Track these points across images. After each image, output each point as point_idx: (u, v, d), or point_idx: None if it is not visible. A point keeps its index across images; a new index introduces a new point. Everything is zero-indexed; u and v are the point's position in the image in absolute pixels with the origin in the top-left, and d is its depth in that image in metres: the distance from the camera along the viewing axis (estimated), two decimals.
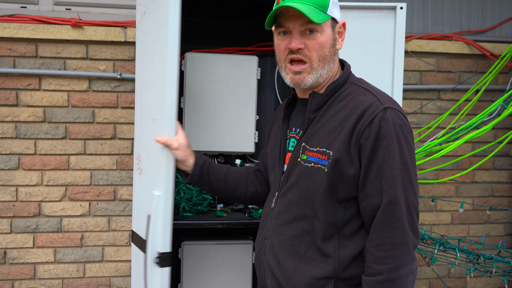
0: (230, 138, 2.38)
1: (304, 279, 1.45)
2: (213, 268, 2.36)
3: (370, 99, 1.43)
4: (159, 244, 1.69)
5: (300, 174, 1.47)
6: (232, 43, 2.51)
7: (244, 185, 1.81)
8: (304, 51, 1.44)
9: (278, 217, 1.52)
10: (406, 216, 1.37)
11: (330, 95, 1.49)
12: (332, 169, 1.41)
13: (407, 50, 2.97)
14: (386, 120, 1.37)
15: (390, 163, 1.36)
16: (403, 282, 1.36)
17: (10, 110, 2.64)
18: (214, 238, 2.43)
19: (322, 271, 1.43)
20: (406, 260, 1.36)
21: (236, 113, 2.38)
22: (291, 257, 1.48)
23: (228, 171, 1.82)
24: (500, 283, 3.18)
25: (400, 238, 1.36)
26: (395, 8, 2.15)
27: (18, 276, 2.70)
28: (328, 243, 1.44)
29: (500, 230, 3.19)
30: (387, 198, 1.36)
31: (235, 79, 2.37)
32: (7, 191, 2.67)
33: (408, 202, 1.37)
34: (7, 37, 2.60)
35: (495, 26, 3.17)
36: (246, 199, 1.84)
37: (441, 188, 3.11)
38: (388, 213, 1.36)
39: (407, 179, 1.37)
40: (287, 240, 1.49)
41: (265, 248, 1.55)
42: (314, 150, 1.45)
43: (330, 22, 1.47)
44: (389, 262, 1.36)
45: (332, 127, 1.44)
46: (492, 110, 2.57)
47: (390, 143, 1.37)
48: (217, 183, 1.79)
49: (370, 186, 1.39)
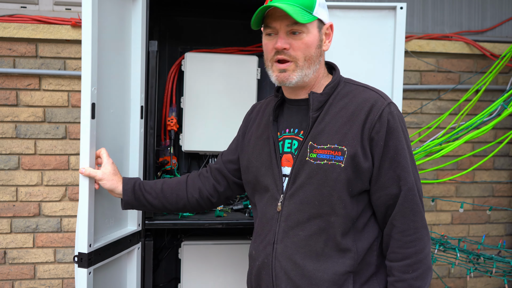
0: (230, 138, 2.36)
1: (326, 277, 1.47)
2: (213, 268, 2.36)
3: (373, 95, 1.51)
4: (78, 244, 1.72)
5: (311, 172, 1.48)
6: (232, 43, 2.51)
7: (184, 193, 1.78)
8: (290, 51, 1.48)
9: (289, 219, 1.51)
10: (420, 200, 1.49)
11: (329, 94, 1.53)
12: (349, 164, 1.46)
13: (407, 50, 2.97)
14: (392, 114, 1.47)
15: (402, 153, 1.46)
16: (428, 260, 1.48)
17: (10, 110, 2.64)
18: (214, 238, 2.43)
19: (343, 265, 1.48)
20: (426, 240, 1.49)
21: (236, 113, 2.38)
22: (308, 257, 1.48)
23: (163, 184, 1.78)
24: (500, 283, 3.17)
25: (420, 221, 1.48)
26: (395, 8, 2.14)
27: (18, 276, 2.70)
28: (347, 237, 1.49)
29: (500, 230, 3.19)
30: (406, 186, 1.46)
31: (235, 79, 2.37)
32: (7, 191, 2.67)
33: (418, 187, 1.49)
34: (7, 37, 2.60)
35: (495, 26, 3.17)
36: (193, 207, 1.80)
37: (441, 188, 3.11)
38: (409, 200, 1.46)
39: (414, 167, 1.50)
40: (302, 241, 1.49)
41: (276, 252, 1.52)
42: (325, 148, 1.48)
43: (316, 23, 1.50)
44: (415, 245, 1.46)
45: (340, 124, 1.48)
46: (492, 110, 2.57)
47: (398, 135, 1.46)
48: (156, 200, 1.76)
49: (385, 176, 1.47)
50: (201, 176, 1.81)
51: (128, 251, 2.00)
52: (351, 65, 2.17)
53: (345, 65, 2.18)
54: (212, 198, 1.79)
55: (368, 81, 2.15)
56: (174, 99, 2.45)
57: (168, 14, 2.49)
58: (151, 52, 2.07)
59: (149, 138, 2.08)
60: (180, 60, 2.44)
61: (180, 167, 2.52)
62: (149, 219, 2.10)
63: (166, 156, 2.40)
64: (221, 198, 1.82)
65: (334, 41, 2.18)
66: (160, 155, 2.43)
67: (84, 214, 1.70)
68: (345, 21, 2.18)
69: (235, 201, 2.39)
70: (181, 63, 2.42)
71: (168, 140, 2.43)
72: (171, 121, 2.39)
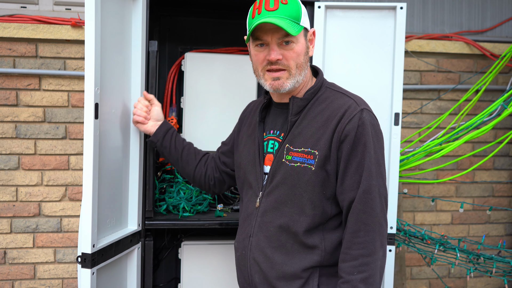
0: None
1: (292, 270, 1.56)
2: (213, 268, 2.36)
3: (348, 101, 1.56)
4: (82, 245, 1.73)
5: (286, 173, 1.58)
6: (232, 43, 2.51)
7: (194, 164, 1.97)
8: (282, 61, 1.55)
9: (264, 215, 1.61)
10: (379, 205, 1.50)
11: (309, 99, 1.60)
12: (319, 168, 1.53)
13: (407, 50, 2.97)
14: (363, 120, 1.51)
15: (367, 158, 1.50)
16: (375, 266, 1.49)
17: (10, 110, 2.64)
18: (214, 238, 2.43)
19: (310, 261, 1.55)
20: (378, 246, 1.49)
21: (236, 113, 2.37)
22: (278, 252, 1.58)
23: (186, 146, 1.98)
24: (500, 283, 3.18)
25: (373, 225, 1.49)
26: (395, 8, 2.14)
27: (18, 276, 2.70)
28: (313, 235, 1.55)
29: (500, 230, 3.19)
30: (362, 188, 1.49)
31: (235, 79, 2.37)
32: (7, 191, 2.67)
33: (380, 193, 1.51)
34: (7, 37, 2.60)
35: (495, 26, 3.17)
36: (196, 180, 1.98)
37: (441, 188, 3.11)
38: (363, 202, 1.49)
39: (379, 173, 1.52)
40: (273, 236, 1.59)
41: (251, 245, 1.64)
42: (299, 151, 1.56)
43: (303, 32, 1.57)
44: (364, 248, 1.48)
45: (315, 129, 1.56)
46: (492, 110, 2.57)
47: (367, 140, 1.50)
48: (175, 150, 1.96)
49: (350, 180, 1.51)
50: (210, 158, 2.00)
51: (129, 251, 2.00)
52: (351, 65, 2.17)
53: (345, 65, 2.18)
54: (210, 180, 1.97)
55: (368, 81, 2.16)
56: (174, 99, 2.45)
57: (168, 14, 2.49)
58: (151, 52, 2.07)
59: None
60: (180, 60, 2.44)
61: None
62: (149, 219, 2.10)
63: None
64: (216, 184, 1.98)
65: (335, 41, 2.19)
66: (160, 155, 2.43)
67: (88, 214, 1.71)
68: (345, 21, 2.18)
69: (235, 201, 2.39)
70: (181, 63, 2.42)
71: None
72: (171, 121, 2.39)
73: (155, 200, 2.27)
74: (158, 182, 2.30)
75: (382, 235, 1.51)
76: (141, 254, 2.07)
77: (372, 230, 1.48)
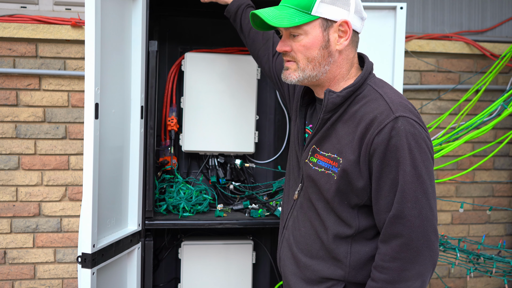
0: (230, 138, 2.38)
1: (313, 277, 1.50)
2: (213, 268, 2.36)
3: (380, 106, 1.36)
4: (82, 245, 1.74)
5: (309, 177, 1.49)
6: (232, 43, 2.51)
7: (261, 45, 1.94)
8: (291, 53, 1.47)
9: (299, 211, 1.56)
10: (417, 231, 1.31)
11: (346, 97, 1.42)
12: (341, 178, 1.39)
13: (407, 50, 2.97)
14: (397, 130, 1.31)
15: (401, 176, 1.30)
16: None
17: (10, 110, 2.64)
18: (214, 238, 2.43)
19: (333, 273, 1.46)
20: (405, 276, 1.32)
21: (236, 113, 2.38)
22: (303, 254, 1.53)
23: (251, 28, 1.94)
24: (500, 283, 3.18)
25: (403, 253, 1.32)
26: (395, 8, 2.14)
27: (18, 276, 2.70)
28: (340, 247, 1.44)
29: (500, 230, 3.19)
30: (393, 212, 1.32)
31: (235, 79, 2.37)
32: (7, 191, 2.67)
33: (422, 217, 1.30)
34: (7, 37, 2.60)
35: (495, 26, 3.17)
36: (249, 41, 1.98)
37: (441, 188, 3.11)
38: (392, 226, 1.33)
39: (421, 192, 1.30)
40: (302, 237, 1.54)
41: (283, 238, 1.62)
42: (326, 155, 1.44)
43: (319, 23, 1.41)
44: (386, 273, 1.34)
45: (344, 133, 1.40)
46: (492, 110, 2.57)
47: (401, 154, 1.30)
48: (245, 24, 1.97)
49: (384, 200, 1.34)
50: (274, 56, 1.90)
51: (129, 251, 2.00)
52: None
53: None
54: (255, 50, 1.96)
55: None
56: (174, 99, 2.45)
57: (168, 14, 2.49)
58: (151, 52, 2.07)
59: (149, 138, 2.08)
60: (180, 60, 2.44)
61: (180, 167, 2.52)
62: (149, 219, 2.10)
63: (166, 156, 2.41)
64: None
65: None
66: (160, 155, 2.43)
67: (88, 214, 1.71)
68: None
69: (235, 201, 2.39)
70: (181, 63, 2.42)
71: (168, 140, 2.43)
72: (171, 121, 2.39)
73: (155, 200, 2.27)
74: (158, 182, 2.30)
75: (414, 266, 1.32)
76: (141, 254, 2.07)
77: (400, 258, 1.33)
